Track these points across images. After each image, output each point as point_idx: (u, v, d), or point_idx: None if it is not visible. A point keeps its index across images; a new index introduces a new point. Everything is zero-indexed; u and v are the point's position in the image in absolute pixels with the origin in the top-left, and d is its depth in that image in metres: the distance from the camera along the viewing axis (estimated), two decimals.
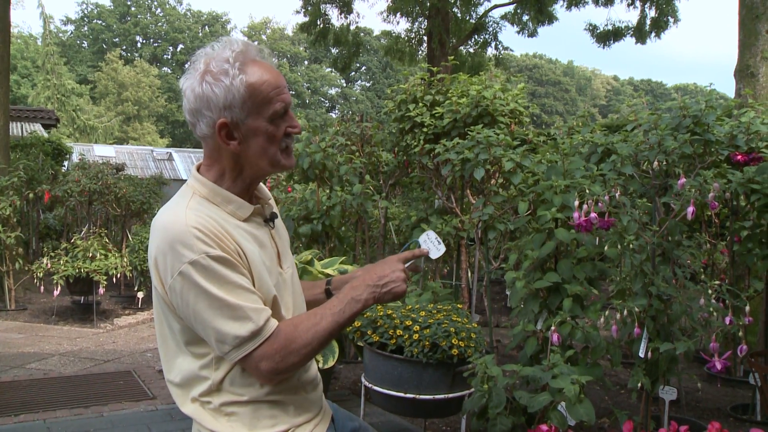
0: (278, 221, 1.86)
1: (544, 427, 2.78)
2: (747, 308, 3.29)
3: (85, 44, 55.18)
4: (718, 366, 3.05)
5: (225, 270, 1.53)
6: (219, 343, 1.55)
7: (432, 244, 1.84)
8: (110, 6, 54.81)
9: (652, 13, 16.26)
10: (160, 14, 56.94)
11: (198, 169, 1.72)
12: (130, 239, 9.81)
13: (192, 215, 1.56)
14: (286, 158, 1.71)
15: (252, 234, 1.68)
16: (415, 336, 3.57)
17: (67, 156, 15.69)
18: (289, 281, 1.80)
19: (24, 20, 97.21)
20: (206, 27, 57.97)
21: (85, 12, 55.02)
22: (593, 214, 3.25)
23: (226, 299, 1.52)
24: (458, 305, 4.13)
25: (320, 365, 4.14)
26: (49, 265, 8.16)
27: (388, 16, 17.87)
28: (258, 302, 1.58)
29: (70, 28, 55.47)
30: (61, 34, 52.63)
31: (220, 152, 1.66)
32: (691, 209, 3.18)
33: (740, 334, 3.21)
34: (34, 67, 42.06)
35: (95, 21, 54.67)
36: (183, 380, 1.68)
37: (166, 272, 1.54)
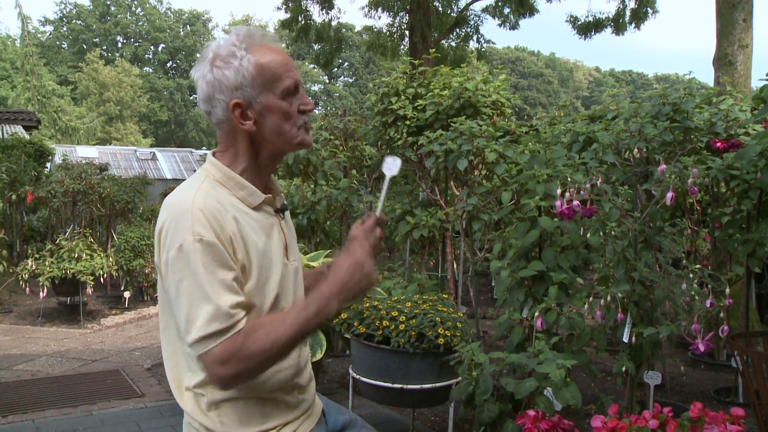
0: (287, 215, 1.85)
1: (531, 412, 2.81)
2: (727, 291, 3.34)
3: (65, 45, 54.70)
4: (701, 348, 3.10)
5: (213, 260, 1.51)
6: (185, 332, 1.52)
7: (394, 165, 1.79)
8: (89, 6, 54.33)
9: (631, 4, 16.34)
10: (141, 13, 56.51)
11: (213, 156, 1.73)
12: (116, 239, 9.76)
13: (200, 196, 1.57)
14: (304, 135, 1.71)
15: (260, 223, 1.67)
16: (402, 326, 3.60)
17: (50, 157, 15.58)
18: (293, 274, 1.78)
19: (1, 21, 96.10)
20: (187, 26, 57.63)
21: (64, 12, 54.53)
22: (575, 202, 3.29)
23: (206, 290, 1.50)
24: (444, 295, 4.16)
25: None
26: (34, 266, 8.10)
27: (369, 11, 17.86)
28: (234, 297, 1.53)
29: (49, 28, 54.98)
30: (39, 35, 52.14)
31: (235, 136, 1.67)
32: (670, 194, 3.22)
33: (722, 315, 3.25)
34: (13, 68, 41.64)
35: (74, 21, 54.17)
36: (180, 369, 1.69)
37: (165, 244, 1.55)
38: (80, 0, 54.08)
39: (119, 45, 55.98)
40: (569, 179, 3.46)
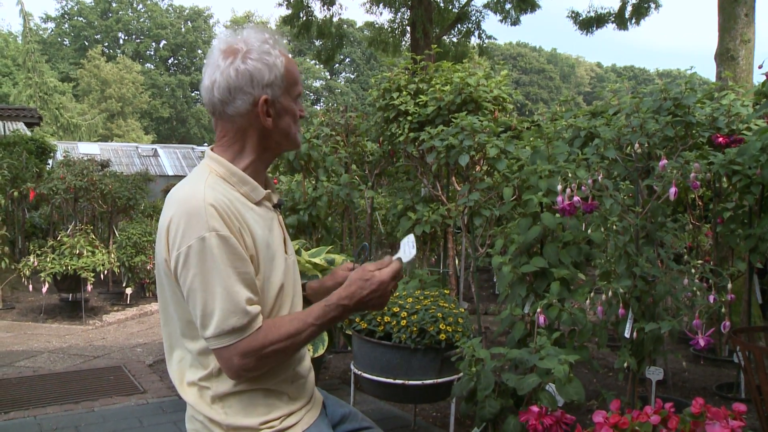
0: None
1: (535, 408, 2.80)
2: (729, 286, 3.33)
3: (67, 42, 54.65)
4: (702, 343, 3.09)
5: (229, 254, 1.55)
6: (202, 327, 1.56)
7: (408, 247, 1.83)
8: (91, 3, 54.29)
9: None
10: (142, 10, 56.46)
11: (212, 151, 1.75)
12: (117, 235, 9.77)
13: (210, 192, 1.59)
14: (299, 137, 1.81)
15: (262, 217, 1.71)
16: (403, 322, 3.60)
17: (51, 154, 15.58)
18: (292, 267, 1.83)
19: (3, 18, 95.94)
20: (189, 22, 57.59)
21: (66, 9, 54.50)
22: (577, 198, 3.28)
23: (224, 284, 1.53)
24: (445, 291, 4.16)
25: (310, 354, 4.16)
26: (36, 263, 8.11)
27: (370, 7, 17.80)
28: (251, 294, 1.58)
29: (51, 25, 54.95)
30: (41, 32, 52.10)
31: (246, 131, 1.70)
32: (673, 190, 3.21)
33: (723, 311, 3.24)
34: (15, 65, 41.59)
35: (76, 18, 54.13)
36: (183, 364, 1.70)
37: (176, 241, 1.55)
38: None
39: (121, 42, 55.91)
40: (570, 175, 3.45)
